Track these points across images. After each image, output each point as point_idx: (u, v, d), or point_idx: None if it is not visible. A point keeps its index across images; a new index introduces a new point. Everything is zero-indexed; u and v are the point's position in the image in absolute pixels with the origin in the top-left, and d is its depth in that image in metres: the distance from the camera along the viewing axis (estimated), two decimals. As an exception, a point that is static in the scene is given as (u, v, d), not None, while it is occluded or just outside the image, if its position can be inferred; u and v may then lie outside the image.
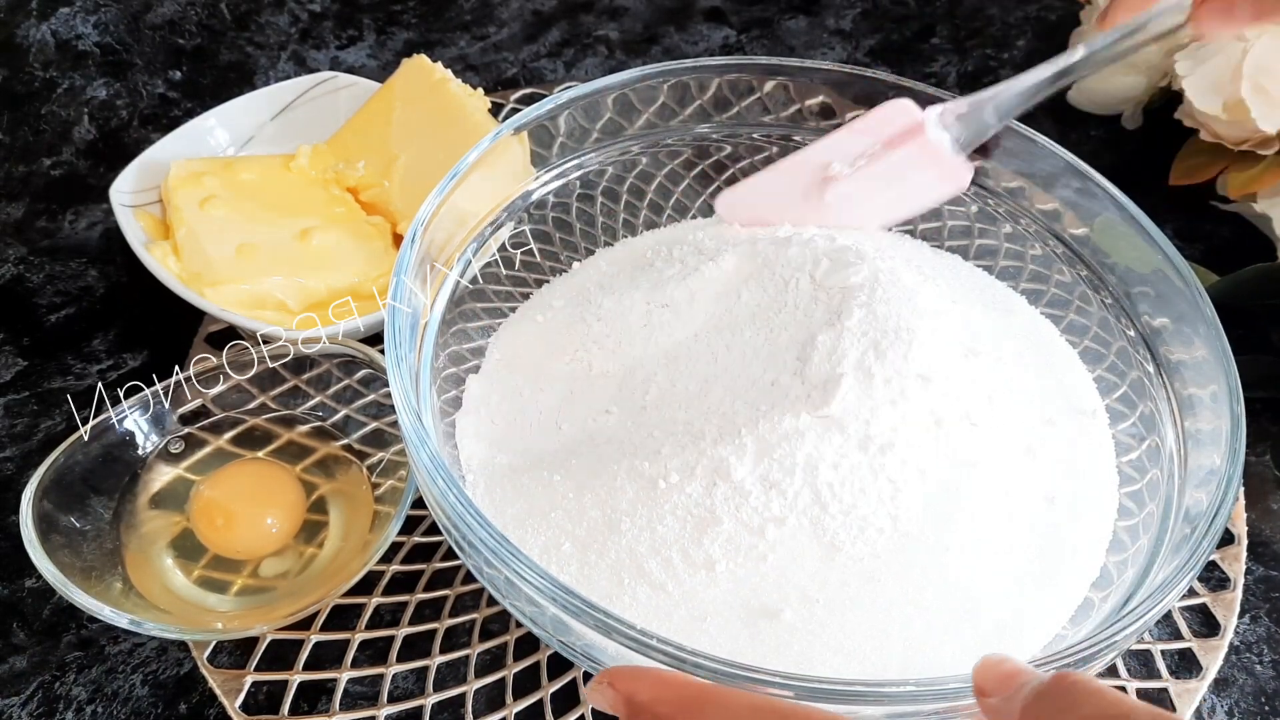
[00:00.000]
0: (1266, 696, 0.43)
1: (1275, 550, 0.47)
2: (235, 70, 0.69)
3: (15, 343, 0.53)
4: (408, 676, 0.42)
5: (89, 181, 0.61)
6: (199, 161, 0.54)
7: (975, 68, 0.71)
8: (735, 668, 0.28)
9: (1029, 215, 0.48)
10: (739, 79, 0.49)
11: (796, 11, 0.74)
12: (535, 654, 0.42)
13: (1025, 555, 0.39)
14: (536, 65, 0.70)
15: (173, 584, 0.42)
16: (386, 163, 0.55)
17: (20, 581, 0.45)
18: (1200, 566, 0.34)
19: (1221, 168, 0.57)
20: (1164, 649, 0.44)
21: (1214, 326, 0.40)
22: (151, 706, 0.41)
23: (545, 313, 0.47)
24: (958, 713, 0.29)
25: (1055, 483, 0.41)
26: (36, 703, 0.41)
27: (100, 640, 0.43)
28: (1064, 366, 0.46)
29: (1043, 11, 0.74)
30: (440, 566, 0.44)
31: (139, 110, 0.66)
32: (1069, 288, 0.47)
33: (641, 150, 0.50)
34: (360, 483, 0.45)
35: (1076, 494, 0.41)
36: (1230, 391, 0.38)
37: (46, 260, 0.57)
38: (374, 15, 0.73)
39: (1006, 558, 0.39)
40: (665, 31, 0.73)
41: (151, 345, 0.53)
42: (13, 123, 0.64)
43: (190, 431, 0.46)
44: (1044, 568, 0.39)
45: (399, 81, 0.56)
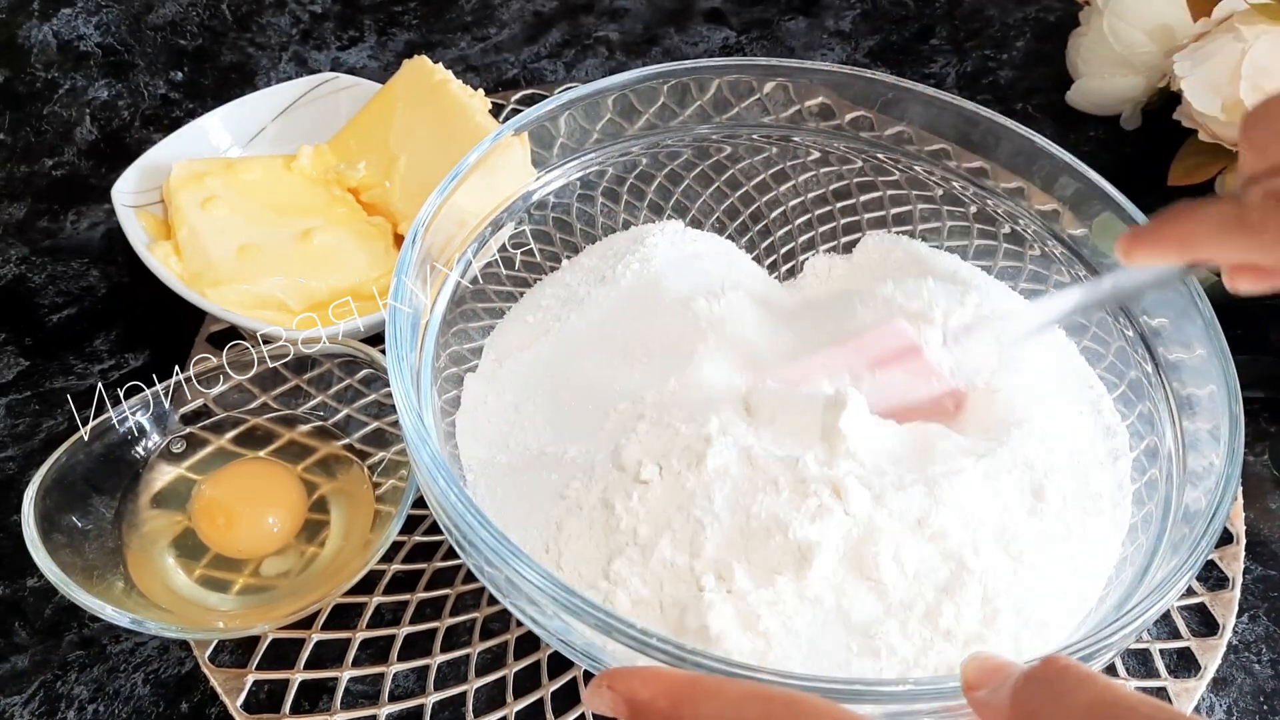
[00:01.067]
0: (1265, 696, 0.43)
1: (1274, 550, 0.48)
2: (236, 71, 0.69)
3: (17, 342, 0.53)
4: (408, 675, 0.42)
5: (91, 182, 0.61)
6: (201, 162, 0.54)
7: (975, 68, 0.71)
8: (735, 667, 0.29)
9: (1029, 215, 0.48)
10: (739, 80, 0.49)
11: (796, 12, 0.75)
12: (535, 653, 0.42)
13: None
14: (537, 66, 0.71)
15: (174, 583, 0.42)
16: (387, 163, 0.55)
17: (22, 581, 0.45)
18: (1199, 566, 0.34)
19: (1220, 168, 0.58)
20: (1163, 648, 0.44)
21: (1213, 326, 0.40)
22: (153, 705, 0.41)
23: (535, 313, 0.47)
24: (956, 712, 0.29)
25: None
26: (38, 702, 0.41)
27: (102, 639, 0.43)
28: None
29: (1042, 12, 0.74)
30: (441, 566, 0.45)
31: (140, 111, 0.66)
32: (1069, 288, 0.47)
33: (641, 151, 0.50)
34: (361, 482, 0.46)
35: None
36: (1229, 391, 0.38)
37: (48, 260, 0.57)
38: (375, 16, 0.73)
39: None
40: (665, 32, 0.73)
41: (153, 345, 0.53)
42: (14, 123, 0.64)
43: (192, 431, 0.46)
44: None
45: (400, 82, 0.56)
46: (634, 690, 0.24)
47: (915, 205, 0.51)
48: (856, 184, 0.51)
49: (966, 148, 0.48)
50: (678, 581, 0.36)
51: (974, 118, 0.47)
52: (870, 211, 0.52)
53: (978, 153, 0.48)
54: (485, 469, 0.41)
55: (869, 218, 0.52)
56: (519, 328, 0.47)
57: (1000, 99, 0.69)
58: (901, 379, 0.42)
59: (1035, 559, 0.38)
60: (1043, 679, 0.23)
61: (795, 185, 0.52)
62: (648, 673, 0.25)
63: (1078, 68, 0.66)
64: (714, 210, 0.53)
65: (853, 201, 0.52)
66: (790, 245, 0.53)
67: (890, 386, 0.42)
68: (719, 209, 0.53)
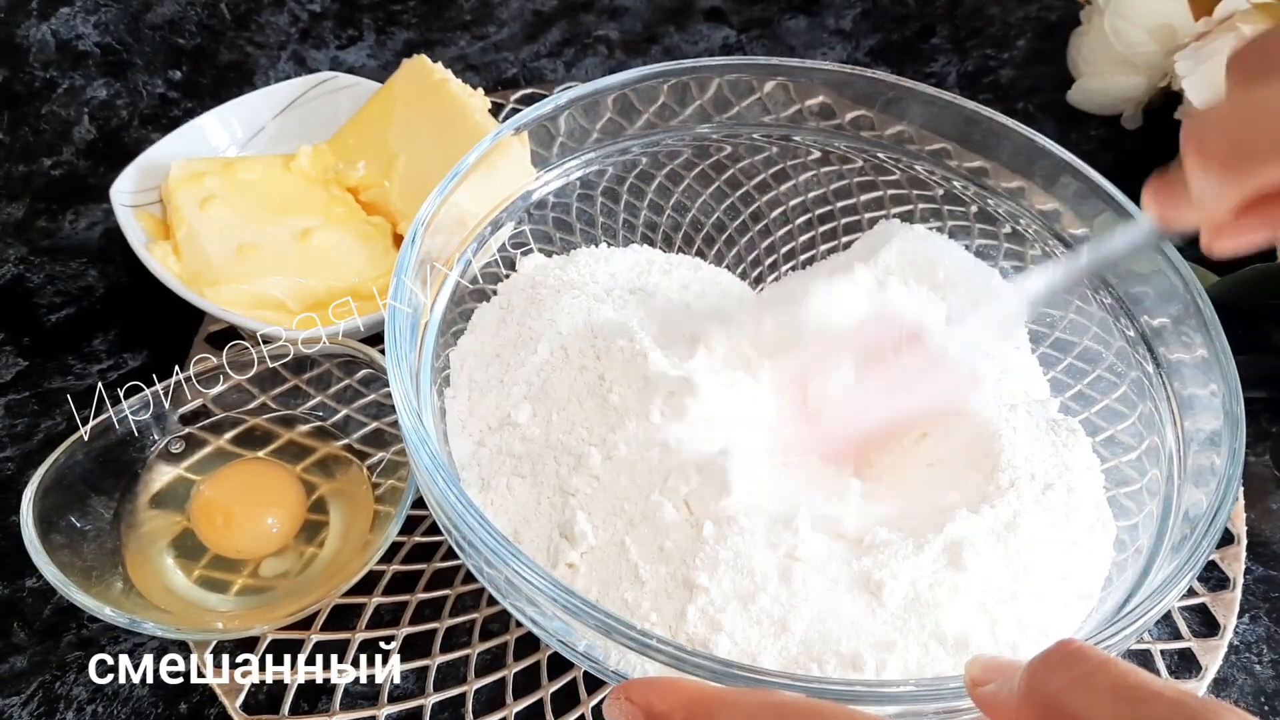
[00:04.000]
0: (1266, 696, 0.43)
1: (1275, 550, 0.47)
2: (235, 70, 0.69)
3: (16, 343, 0.53)
4: (408, 676, 0.42)
5: (89, 181, 0.61)
6: (199, 161, 0.54)
7: (975, 68, 0.71)
8: (736, 668, 0.28)
9: (1029, 215, 0.48)
10: (739, 79, 0.49)
11: (796, 11, 0.74)
12: (535, 654, 0.42)
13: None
14: (536, 65, 0.70)
15: (173, 584, 0.42)
16: (387, 163, 0.55)
17: (21, 581, 0.45)
18: (1200, 566, 0.34)
19: (1221, 167, 0.57)
20: (1163, 649, 0.44)
21: (1214, 326, 0.40)
22: (152, 706, 0.41)
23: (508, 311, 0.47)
24: (958, 713, 0.29)
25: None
26: (37, 702, 0.41)
27: (101, 640, 0.43)
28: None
29: (1043, 11, 0.74)
30: (440, 566, 0.44)
31: (139, 110, 0.66)
32: (1069, 288, 0.47)
33: (641, 150, 0.50)
34: (360, 482, 0.45)
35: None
36: (1230, 391, 0.38)
37: (47, 260, 0.57)
38: (374, 15, 0.73)
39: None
40: (665, 31, 0.73)
41: (152, 345, 0.53)
42: (13, 122, 0.64)
43: (190, 431, 0.46)
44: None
45: (399, 81, 0.56)
46: (651, 703, 0.24)
47: (916, 205, 0.51)
48: (857, 183, 0.51)
49: (967, 147, 0.48)
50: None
51: (975, 117, 0.47)
52: (870, 211, 0.52)
53: (978, 152, 0.48)
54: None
55: (869, 217, 0.52)
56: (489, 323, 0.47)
57: (1001, 98, 0.69)
58: (906, 372, 0.41)
59: (1031, 561, 0.38)
60: (1059, 661, 0.22)
61: (795, 185, 0.52)
62: (665, 685, 0.25)
63: (1079, 67, 0.66)
64: (714, 210, 0.53)
65: (853, 201, 0.52)
66: (791, 245, 0.53)
67: (895, 380, 0.41)
68: (719, 208, 0.53)
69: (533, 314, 0.43)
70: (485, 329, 0.45)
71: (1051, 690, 0.22)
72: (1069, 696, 0.21)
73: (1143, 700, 0.20)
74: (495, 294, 0.46)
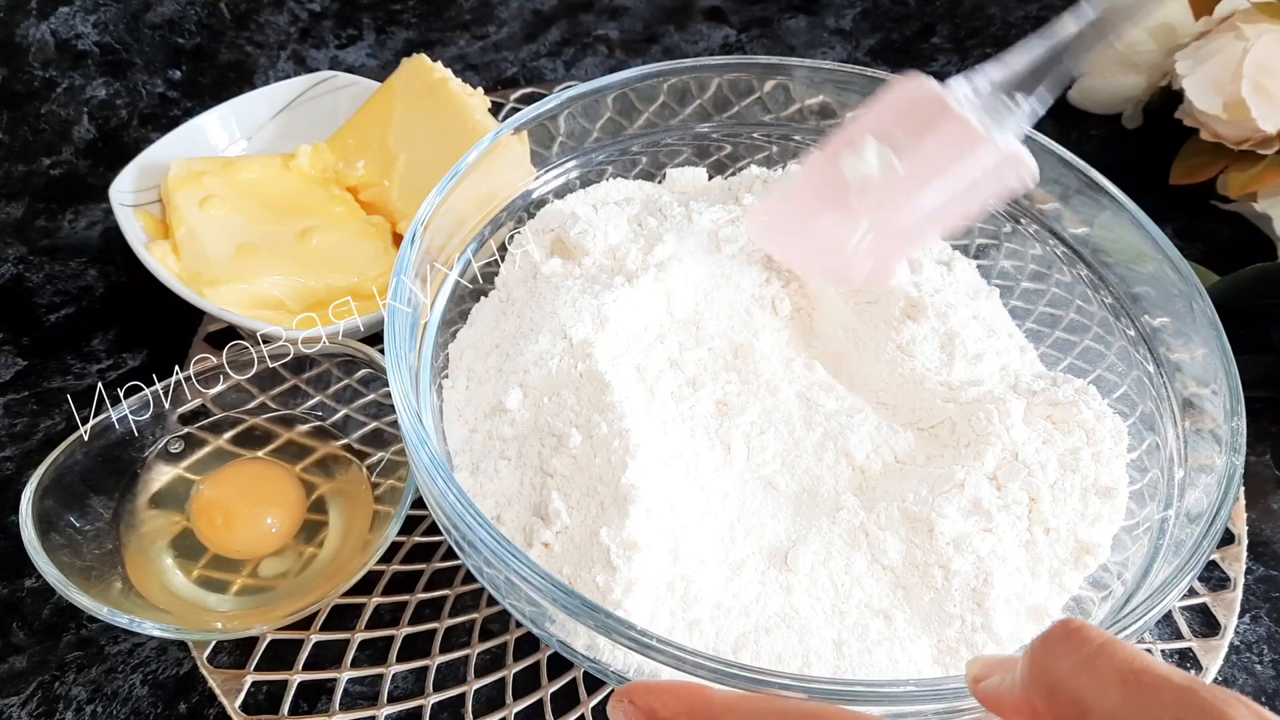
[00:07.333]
0: (1266, 696, 0.43)
1: (1275, 550, 0.47)
2: (235, 70, 0.69)
3: (15, 342, 0.53)
4: (407, 676, 0.42)
5: (89, 181, 0.61)
6: (199, 161, 0.54)
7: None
8: (736, 668, 0.28)
9: (1029, 215, 0.48)
10: (739, 78, 0.49)
11: (796, 11, 0.74)
12: (535, 654, 0.42)
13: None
14: (536, 64, 0.70)
15: (172, 584, 0.42)
16: (386, 162, 0.55)
17: (20, 581, 0.45)
18: (1200, 566, 0.34)
19: (1221, 167, 0.57)
20: (1164, 649, 0.43)
21: (1214, 326, 0.40)
22: (151, 706, 0.41)
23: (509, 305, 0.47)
24: (959, 713, 0.29)
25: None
26: (36, 702, 0.41)
27: (100, 640, 0.43)
28: None
29: (1043, 11, 0.74)
30: (440, 566, 0.44)
31: (139, 110, 0.66)
32: (1069, 288, 0.47)
33: (641, 150, 0.50)
34: (360, 482, 0.45)
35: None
36: (1230, 391, 0.38)
37: (46, 260, 0.57)
38: (374, 14, 0.73)
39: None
40: (665, 31, 0.73)
41: (151, 345, 0.53)
42: (12, 122, 0.64)
43: (190, 431, 0.46)
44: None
45: (399, 81, 0.56)
46: (654, 707, 0.24)
47: (916, 204, 0.51)
48: (857, 183, 0.51)
49: (967, 146, 0.48)
50: None
51: (975, 116, 0.47)
52: (871, 211, 0.52)
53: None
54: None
55: (869, 217, 0.52)
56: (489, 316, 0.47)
57: (1001, 98, 0.68)
58: (934, 148, 0.37)
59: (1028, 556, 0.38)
60: (1060, 641, 0.22)
61: (795, 184, 0.52)
62: (667, 689, 0.25)
63: (1079, 66, 0.66)
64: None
65: (853, 201, 0.52)
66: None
67: (925, 160, 0.37)
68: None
69: (533, 305, 0.43)
70: (485, 321, 0.44)
71: (1056, 674, 0.21)
72: (1075, 680, 0.21)
73: (1151, 687, 0.20)
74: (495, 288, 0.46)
